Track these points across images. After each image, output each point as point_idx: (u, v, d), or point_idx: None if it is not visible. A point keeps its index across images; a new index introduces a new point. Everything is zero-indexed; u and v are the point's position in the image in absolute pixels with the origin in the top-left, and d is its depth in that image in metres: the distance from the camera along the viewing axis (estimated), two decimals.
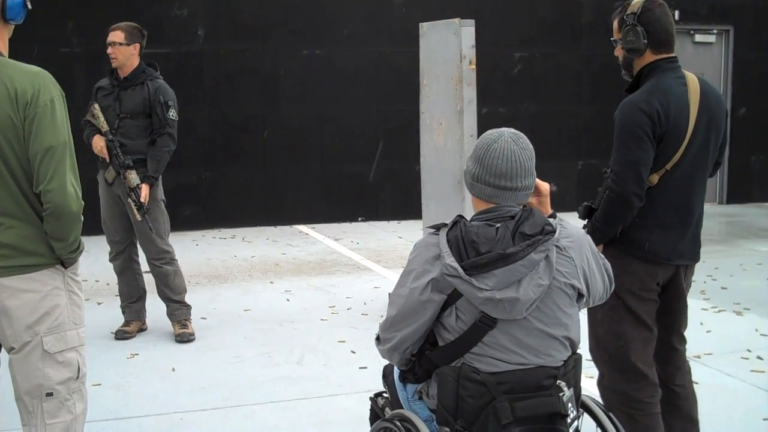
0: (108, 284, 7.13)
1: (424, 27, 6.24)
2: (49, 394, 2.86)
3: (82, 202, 2.82)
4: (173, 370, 5.05)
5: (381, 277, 7.53)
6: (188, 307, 5.80)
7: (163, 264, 5.70)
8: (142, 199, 5.44)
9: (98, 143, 5.53)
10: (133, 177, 5.46)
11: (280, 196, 10.39)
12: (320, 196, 10.56)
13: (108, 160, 5.52)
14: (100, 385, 4.73)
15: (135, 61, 5.58)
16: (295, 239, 9.50)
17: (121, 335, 5.65)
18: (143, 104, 5.54)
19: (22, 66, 2.80)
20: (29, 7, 2.91)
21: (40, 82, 2.75)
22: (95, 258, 7.79)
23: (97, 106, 5.56)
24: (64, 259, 2.86)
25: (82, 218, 2.84)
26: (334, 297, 6.81)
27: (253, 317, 6.20)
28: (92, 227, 9.05)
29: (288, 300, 6.73)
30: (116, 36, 5.53)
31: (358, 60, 10.52)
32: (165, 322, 5.97)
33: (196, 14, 9.92)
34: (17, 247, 2.78)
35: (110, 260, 5.84)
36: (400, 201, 10.65)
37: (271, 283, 7.33)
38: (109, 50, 5.55)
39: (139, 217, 5.47)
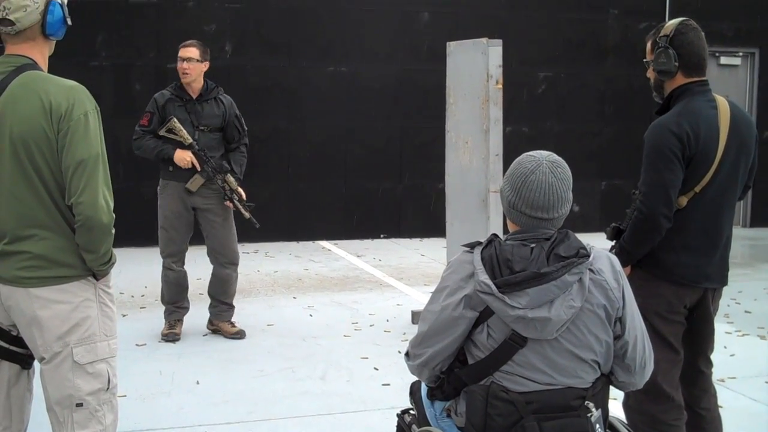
0: (132, 296, 7.19)
1: (452, 46, 6.28)
2: (79, 405, 2.89)
3: (114, 215, 2.85)
4: (197, 383, 5.08)
5: (403, 295, 7.54)
6: (234, 307, 6.17)
7: (235, 268, 6.05)
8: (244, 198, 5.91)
9: (185, 156, 5.70)
10: (232, 180, 5.83)
11: (303, 211, 10.43)
12: (343, 212, 10.59)
13: (199, 169, 5.73)
14: (125, 396, 4.76)
15: (202, 79, 5.84)
16: (318, 255, 9.53)
17: (172, 337, 5.89)
18: (222, 118, 5.86)
19: (58, 80, 2.84)
20: (69, 23, 2.96)
21: (75, 96, 2.80)
22: (119, 270, 7.81)
23: (175, 120, 5.70)
24: (96, 271, 2.90)
25: (114, 231, 2.88)
26: (356, 313, 6.82)
27: (277, 332, 6.23)
28: (118, 239, 9.15)
29: (311, 315, 6.75)
30: (191, 52, 5.76)
31: (383, 77, 10.57)
32: (189, 335, 6.02)
33: (224, 30, 10.01)
34: (50, 258, 2.82)
35: (171, 271, 5.94)
36: (423, 218, 10.67)
37: (294, 298, 7.36)
38: (185, 65, 5.73)
39: (247, 215, 5.88)
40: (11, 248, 2.83)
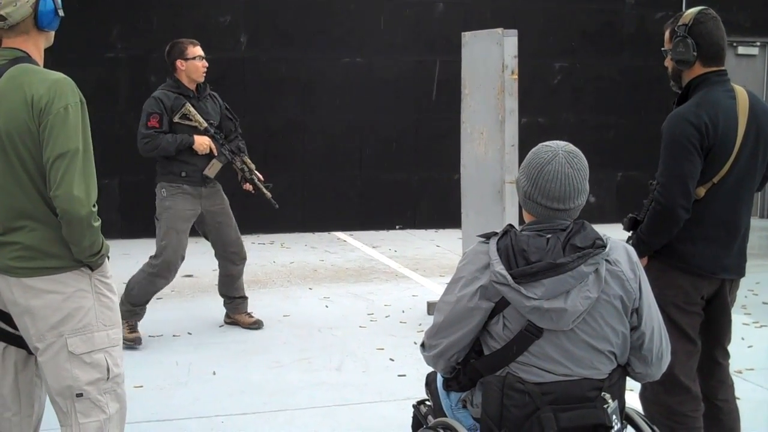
0: None
1: (467, 36, 6.25)
2: (80, 395, 2.90)
3: (93, 209, 2.82)
4: (214, 373, 5.10)
5: (419, 286, 7.54)
6: (247, 298, 6.17)
7: (243, 262, 6.02)
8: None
9: (203, 141, 5.61)
10: (250, 162, 5.88)
11: (319, 202, 10.44)
12: (358, 203, 10.60)
13: (216, 154, 5.68)
14: (142, 387, 4.78)
15: None
16: (333, 246, 9.54)
17: (139, 341, 5.60)
18: (219, 114, 5.86)
19: (44, 73, 2.84)
20: (61, 14, 2.97)
21: (57, 89, 2.78)
22: (136, 261, 7.85)
23: (189, 105, 5.60)
24: (86, 262, 2.90)
25: (97, 223, 2.85)
26: (372, 304, 6.83)
27: (293, 323, 6.25)
28: (133, 230, 9.19)
29: (327, 306, 6.76)
30: (201, 51, 5.70)
31: (398, 68, 10.56)
32: (206, 326, 6.04)
33: (239, 21, 10.02)
34: (40, 249, 2.84)
35: (164, 281, 5.66)
36: (438, 209, 10.66)
37: (310, 289, 7.37)
38: (204, 63, 5.71)
39: (269, 195, 5.92)
40: (3, 239, 2.86)
